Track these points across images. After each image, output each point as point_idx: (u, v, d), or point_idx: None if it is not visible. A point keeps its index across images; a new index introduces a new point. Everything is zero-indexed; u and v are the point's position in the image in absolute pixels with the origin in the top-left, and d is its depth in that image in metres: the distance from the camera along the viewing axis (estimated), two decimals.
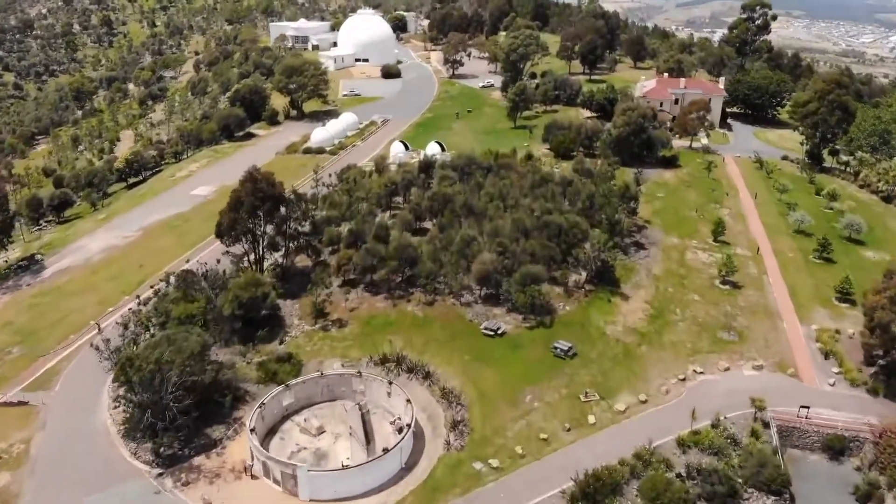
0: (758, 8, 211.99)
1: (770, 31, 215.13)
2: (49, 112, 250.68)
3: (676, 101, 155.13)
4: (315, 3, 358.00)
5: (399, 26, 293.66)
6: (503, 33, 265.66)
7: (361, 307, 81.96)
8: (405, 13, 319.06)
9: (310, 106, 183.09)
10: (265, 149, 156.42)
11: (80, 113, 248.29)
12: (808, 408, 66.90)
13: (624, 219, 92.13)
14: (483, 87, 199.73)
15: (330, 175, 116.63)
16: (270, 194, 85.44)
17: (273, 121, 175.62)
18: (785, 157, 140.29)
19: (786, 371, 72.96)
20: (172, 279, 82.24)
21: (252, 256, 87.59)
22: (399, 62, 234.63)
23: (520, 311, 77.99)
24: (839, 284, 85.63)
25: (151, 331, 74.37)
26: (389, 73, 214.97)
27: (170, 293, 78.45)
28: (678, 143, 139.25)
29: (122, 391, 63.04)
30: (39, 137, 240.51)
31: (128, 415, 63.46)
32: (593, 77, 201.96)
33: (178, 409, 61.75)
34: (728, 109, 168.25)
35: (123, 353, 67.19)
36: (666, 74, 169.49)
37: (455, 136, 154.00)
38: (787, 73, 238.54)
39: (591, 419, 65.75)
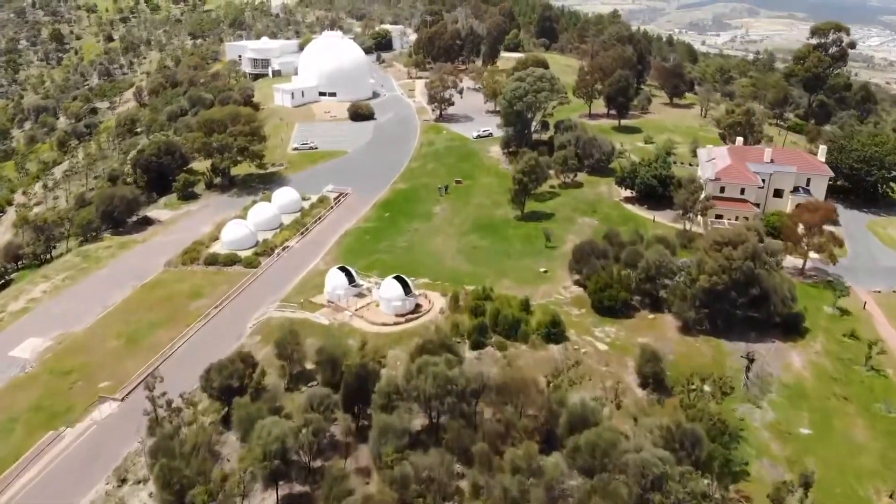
0: (831, 32, 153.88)
1: (847, 64, 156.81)
2: None
3: (761, 185, 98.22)
4: (290, 13, 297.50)
5: (382, 44, 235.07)
6: (505, 54, 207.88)
7: None
8: (391, 27, 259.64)
9: (243, 168, 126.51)
10: (158, 248, 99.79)
11: None
12: None
13: None
14: (478, 136, 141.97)
15: (180, 397, 58.25)
16: None
17: (188, 194, 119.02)
18: None
19: None
20: None
21: None
22: (375, 94, 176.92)
23: None
24: None
25: None
26: (359, 113, 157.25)
27: None
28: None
29: None
30: None
31: None
32: (623, 122, 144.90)
33: None
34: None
35: None
36: (739, 139, 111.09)
37: (435, 238, 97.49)
38: (852, 107, 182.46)
39: None
